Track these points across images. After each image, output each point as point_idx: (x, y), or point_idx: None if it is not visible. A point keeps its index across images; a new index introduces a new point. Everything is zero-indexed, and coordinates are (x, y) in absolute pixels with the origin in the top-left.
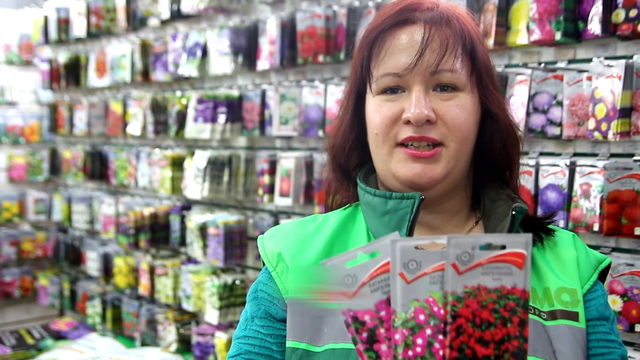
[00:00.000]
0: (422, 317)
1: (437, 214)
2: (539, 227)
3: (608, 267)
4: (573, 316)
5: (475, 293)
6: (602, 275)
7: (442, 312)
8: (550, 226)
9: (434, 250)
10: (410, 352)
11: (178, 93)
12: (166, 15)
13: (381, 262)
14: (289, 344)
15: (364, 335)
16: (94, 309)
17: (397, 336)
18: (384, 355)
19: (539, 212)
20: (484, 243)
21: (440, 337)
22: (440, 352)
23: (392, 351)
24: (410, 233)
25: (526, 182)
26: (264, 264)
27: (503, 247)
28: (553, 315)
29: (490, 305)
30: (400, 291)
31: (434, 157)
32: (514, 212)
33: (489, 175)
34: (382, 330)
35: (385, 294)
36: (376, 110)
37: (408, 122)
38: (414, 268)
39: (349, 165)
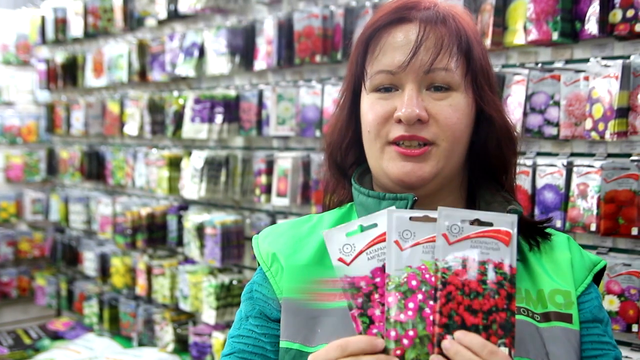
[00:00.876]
0: (414, 282)
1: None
2: (534, 231)
3: (603, 269)
4: (567, 318)
5: (465, 263)
6: (597, 278)
7: (433, 279)
8: (547, 230)
9: (428, 223)
10: (402, 316)
11: (175, 93)
12: (163, 15)
13: (378, 232)
14: (283, 344)
15: (359, 300)
16: (91, 309)
17: (390, 299)
18: (377, 320)
19: (536, 212)
20: (473, 218)
21: (431, 302)
22: (431, 317)
23: (384, 315)
24: None
25: (523, 182)
26: (258, 264)
27: (490, 225)
28: (547, 317)
29: (478, 276)
30: (394, 257)
31: (423, 156)
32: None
33: (484, 177)
34: (376, 296)
35: (381, 261)
36: (370, 108)
37: (399, 121)
38: (408, 237)
39: (345, 164)
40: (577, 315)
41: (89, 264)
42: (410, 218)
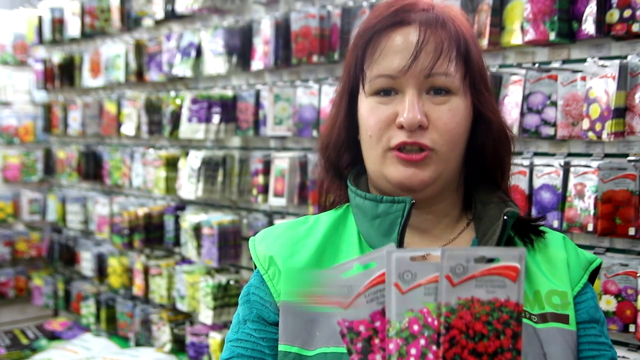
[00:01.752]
0: (416, 327)
1: (428, 215)
2: (529, 229)
3: (598, 267)
4: (563, 319)
5: (469, 305)
6: (593, 276)
7: (436, 323)
8: (541, 228)
9: (429, 262)
10: None
11: (172, 93)
12: (160, 15)
13: (377, 273)
14: (281, 347)
15: (359, 345)
16: (88, 309)
17: (391, 346)
18: None
19: (533, 212)
20: (478, 256)
21: (434, 347)
22: None
23: None
24: (401, 237)
25: (520, 182)
26: (255, 267)
27: (497, 260)
28: (544, 318)
29: (483, 317)
30: (395, 301)
31: (424, 161)
32: (505, 217)
33: (480, 177)
34: (376, 341)
35: (381, 304)
36: (370, 112)
37: (401, 127)
38: (409, 279)
39: (341, 165)
40: (574, 315)
41: (86, 264)
42: (411, 258)
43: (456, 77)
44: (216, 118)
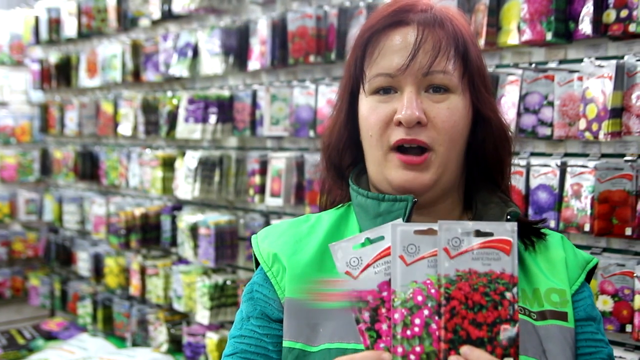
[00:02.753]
0: (420, 298)
1: (429, 215)
2: (530, 231)
3: (595, 267)
4: (562, 316)
5: (467, 277)
6: (589, 275)
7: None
8: (542, 230)
9: (432, 236)
10: (408, 332)
11: (169, 93)
12: (157, 15)
13: (385, 245)
14: (286, 344)
15: (366, 315)
16: (84, 309)
17: (396, 315)
18: (384, 335)
19: (530, 212)
20: (473, 229)
21: (437, 318)
22: (437, 333)
23: (391, 330)
24: None
25: (517, 182)
26: (257, 265)
27: (491, 235)
28: (543, 315)
29: (481, 288)
30: (399, 273)
31: (424, 165)
32: (508, 217)
33: (481, 177)
34: (383, 310)
35: (388, 275)
36: (370, 111)
37: (399, 124)
38: (413, 252)
39: (342, 164)
40: (572, 313)
41: (83, 264)
42: (415, 231)
43: (454, 76)
44: (213, 118)
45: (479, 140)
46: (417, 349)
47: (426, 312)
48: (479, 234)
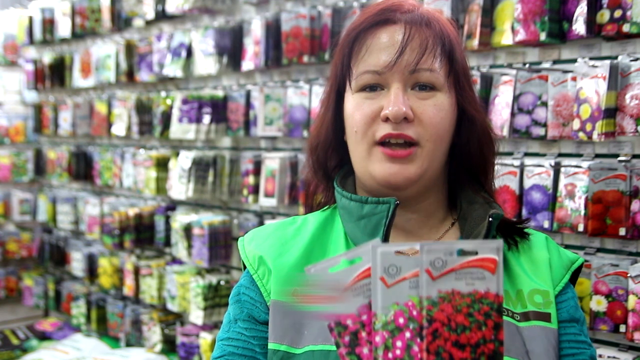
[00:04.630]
0: (401, 320)
1: (413, 215)
2: (513, 231)
3: (580, 266)
4: (546, 317)
5: (450, 298)
6: (575, 275)
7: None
8: (525, 230)
9: (413, 257)
10: (390, 355)
11: (163, 93)
12: (151, 15)
13: (363, 267)
14: (271, 345)
15: (347, 339)
16: (78, 310)
17: (377, 338)
18: (365, 358)
19: (524, 212)
20: (456, 249)
21: (419, 340)
22: (419, 356)
23: (372, 354)
24: (386, 237)
25: (511, 182)
26: (244, 267)
27: (475, 253)
28: (526, 316)
29: (464, 309)
30: (380, 295)
31: (409, 158)
32: (490, 219)
33: (465, 177)
34: (363, 334)
35: (367, 298)
36: (356, 107)
37: (387, 120)
38: (394, 273)
39: (328, 166)
40: (556, 314)
41: (77, 264)
42: (395, 252)
43: (440, 74)
44: (207, 118)
45: (463, 139)
46: None
47: (408, 334)
48: (463, 253)
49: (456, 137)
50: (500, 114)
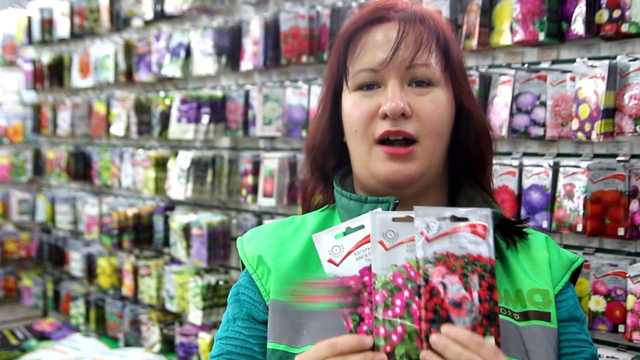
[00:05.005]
0: (400, 280)
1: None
2: (512, 230)
3: (580, 266)
4: (545, 317)
5: (445, 259)
6: (575, 275)
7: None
8: (524, 229)
9: (410, 223)
10: (389, 312)
11: (161, 93)
12: (150, 15)
13: (365, 233)
14: (269, 345)
15: (349, 299)
16: (77, 310)
17: (377, 297)
18: (366, 318)
19: (523, 212)
20: (448, 214)
21: (417, 298)
22: (418, 313)
23: (373, 312)
24: None
25: (509, 182)
26: (243, 267)
27: (466, 220)
28: (526, 316)
29: (459, 270)
30: (379, 257)
31: (410, 156)
32: None
33: (464, 174)
34: (365, 294)
35: (369, 261)
36: (354, 106)
37: (385, 117)
38: (392, 237)
39: (326, 166)
40: (555, 313)
41: (76, 264)
42: (393, 219)
43: (436, 69)
44: (205, 118)
45: (461, 134)
46: (399, 329)
47: (406, 293)
48: (455, 219)
49: (454, 133)
50: (499, 114)
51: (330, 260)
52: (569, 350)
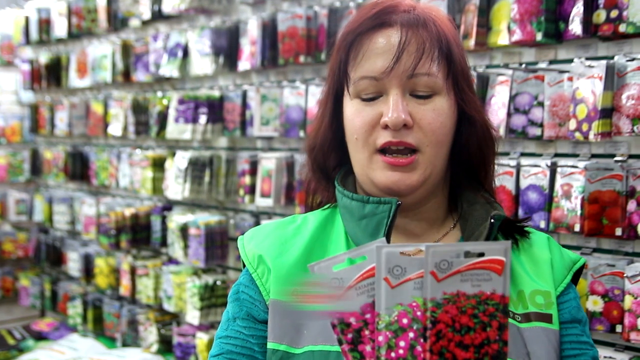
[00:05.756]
0: (405, 320)
1: (414, 217)
2: (514, 230)
3: (582, 267)
4: (547, 318)
5: (455, 299)
6: (576, 275)
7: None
8: (526, 228)
9: (419, 257)
10: (393, 354)
11: (159, 93)
12: (147, 15)
13: (367, 266)
14: (270, 345)
15: (349, 336)
16: (75, 310)
17: (380, 338)
18: (367, 356)
19: (520, 212)
20: (462, 252)
21: (422, 340)
22: (422, 356)
23: (375, 352)
24: (387, 237)
25: (507, 182)
26: (244, 265)
27: (481, 255)
28: (527, 317)
29: (469, 310)
30: (384, 295)
31: (411, 166)
32: (492, 220)
33: (465, 177)
34: (366, 332)
35: (371, 297)
36: (355, 114)
37: (386, 127)
38: (398, 273)
39: (328, 166)
40: (557, 315)
41: (73, 264)
42: (400, 253)
43: (439, 77)
44: (203, 118)
45: (463, 140)
46: None
47: (411, 334)
48: (468, 254)
49: (456, 138)
50: (496, 114)
51: (327, 295)
52: (571, 352)
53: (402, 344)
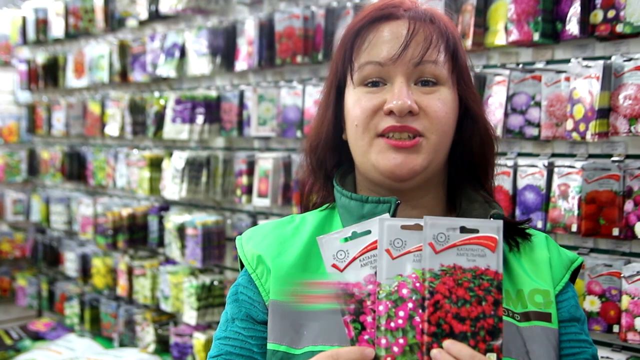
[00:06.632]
0: (404, 291)
1: (413, 211)
2: (515, 231)
3: (579, 266)
4: (546, 317)
5: (451, 272)
6: (574, 274)
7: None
8: (527, 230)
9: (419, 231)
10: (392, 324)
11: (156, 94)
12: (144, 16)
13: (372, 239)
14: (270, 346)
15: (352, 306)
16: (72, 310)
17: (380, 307)
18: (368, 327)
19: (517, 212)
20: (458, 226)
21: (421, 311)
22: (420, 326)
23: (376, 322)
24: None
25: (504, 182)
26: (242, 266)
27: (476, 231)
28: (526, 316)
29: (465, 283)
30: (385, 266)
31: (415, 148)
32: (491, 219)
33: (464, 176)
34: (368, 303)
35: (374, 268)
36: (357, 102)
37: (390, 113)
38: (399, 246)
39: (327, 165)
40: (556, 314)
41: (70, 264)
42: (402, 226)
43: (445, 68)
44: (200, 118)
45: (466, 136)
46: (401, 341)
47: (410, 305)
48: (464, 230)
49: (458, 134)
50: (493, 114)
51: (334, 265)
52: (570, 350)
53: (401, 313)
